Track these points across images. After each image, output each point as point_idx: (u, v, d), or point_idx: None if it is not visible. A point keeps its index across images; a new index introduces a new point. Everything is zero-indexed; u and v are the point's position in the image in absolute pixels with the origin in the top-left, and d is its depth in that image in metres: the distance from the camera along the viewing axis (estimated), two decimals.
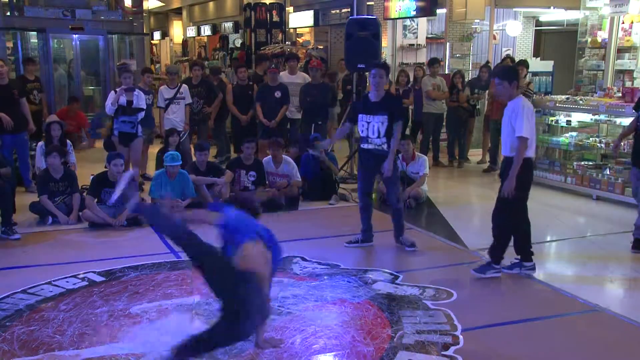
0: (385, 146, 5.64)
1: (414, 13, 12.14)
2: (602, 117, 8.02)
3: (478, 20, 12.23)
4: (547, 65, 11.75)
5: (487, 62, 11.37)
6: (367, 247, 6.00)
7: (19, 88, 8.21)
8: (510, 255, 5.24)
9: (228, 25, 21.05)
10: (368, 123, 5.66)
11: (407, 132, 9.88)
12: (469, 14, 11.52)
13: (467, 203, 7.32)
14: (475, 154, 10.71)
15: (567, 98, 8.79)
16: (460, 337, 4.05)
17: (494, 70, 5.21)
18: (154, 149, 8.49)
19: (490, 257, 5.17)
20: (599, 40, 10.05)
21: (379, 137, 5.63)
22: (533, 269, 5.17)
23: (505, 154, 5.07)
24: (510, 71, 5.27)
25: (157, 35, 28.05)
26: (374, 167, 5.81)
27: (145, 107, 7.69)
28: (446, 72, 11.63)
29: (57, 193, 6.76)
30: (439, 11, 12.39)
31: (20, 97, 8.10)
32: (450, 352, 3.84)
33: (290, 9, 17.45)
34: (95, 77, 13.53)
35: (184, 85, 8.84)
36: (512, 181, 4.84)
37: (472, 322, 4.29)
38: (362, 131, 5.74)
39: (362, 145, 5.82)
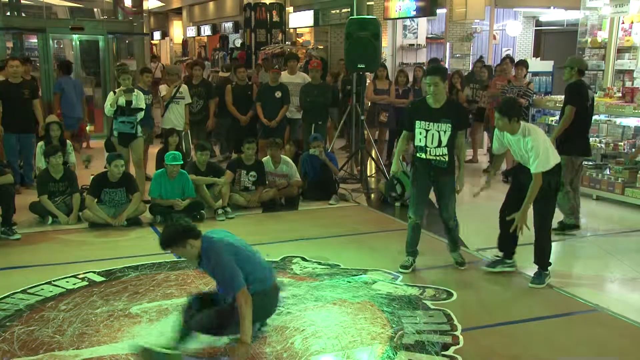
0: (446, 157, 5.15)
1: (414, 13, 12.16)
2: (602, 117, 8.02)
3: (478, 20, 12.26)
4: (547, 65, 11.75)
5: (481, 57, 11.36)
6: (362, 246, 6.00)
7: (30, 89, 8.24)
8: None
9: (228, 25, 21.09)
10: (427, 131, 5.16)
11: None
12: (469, 14, 11.53)
13: (467, 203, 7.30)
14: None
15: None
16: (460, 337, 4.05)
17: (497, 106, 5.05)
18: (153, 149, 8.48)
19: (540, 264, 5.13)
20: (599, 40, 10.04)
21: (439, 146, 5.15)
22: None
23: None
24: (508, 107, 4.97)
25: (157, 35, 28.07)
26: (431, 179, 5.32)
27: (144, 107, 7.68)
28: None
29: (57, 193, 6.76)
30: (439, 11, 12.40)
31: (32, 98, 8.11)
32: (450, 352, 3.85)
33: (290, 9, 17.45)
34: (95, 77, 13.54)
35: (183, 85, 8.84)
36: None
37: (472, 322, 4.29)
38: (420, 140, 5.22)
39: (418, 155, 5.29)
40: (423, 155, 5.22)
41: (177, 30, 27.82)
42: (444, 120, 5.10)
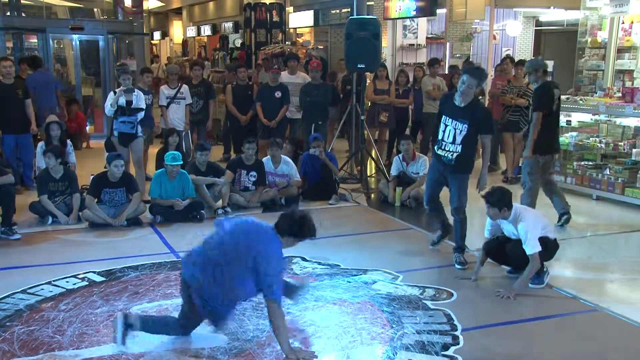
0: (455, 155, 5.26)
1: (414, 13, 12.15)
2: (602, 117, 8.02)
3: (478, 20, 12.25)
4: (547, 66, 11.74)
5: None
6: (362, 246, 6.01)
7: (23, 88, 8.20)
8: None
9: (228, 25, 21.06)
10: (446, 126, 5.29)
11: (407, 132, 9.89)
12: (469, 14, 11.52)
13: (467, 203, 7.31)
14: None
15: (567, 98, 8.79)
16: (460, 337, 4.05)
17: (486, 197, 4.95)
18: (154, 149, 8.49)
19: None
20: (599, 40, 10.04)
21: (453, 143, 5.26)
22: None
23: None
24: (497, 198, 4.88)
25: (157, 35, 28.06)
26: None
27: (144, 107, 7.68)
28: (446, 72, 11.62)
29: (57, 193, 6.76)
30: (439, 11, 12.39)
31: (25, 98, 8.07)
32: (450, 352, 3.85)
33: (290, 9, 17.44)
34: (95, 77, 13.54)
35: (184, 85, 8.85)
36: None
37: (472, 322, 4.29)
38: (440, 133, 5.37)
39: (435, 148, 5.50)
40: (437, 149, 5.41)
41: (177, 30, 27.79)
42: (461, 120, 5.19)
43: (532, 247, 4.77)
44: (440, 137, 5.35)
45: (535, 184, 6.39)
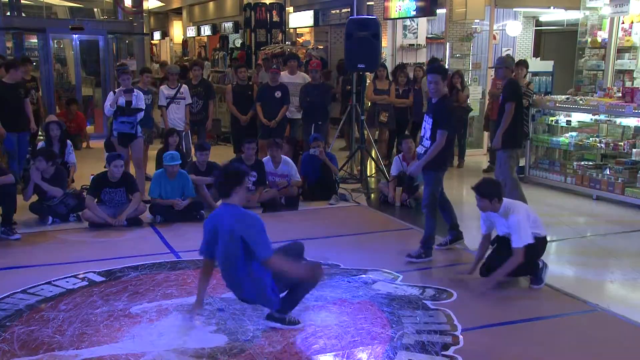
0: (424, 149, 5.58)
1: (414, 13, 12.14)
2: (602, 117, 8.03)
3: (478, 20, 12.22)
4: (547, 65, 11.75)
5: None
6: (362, 246, 6.02)
7: (24, 88, 8.25)
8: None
9: (228, 25, 21.05)
10: (425, 122, 5.64)
11: (407, 132, 9.89)
12: (469, 14, 11.50)
13: (467, 203, 7.32)
14: (474, 154, 10.73)
15: (567, 98, 8.79)
16: (460, 337, 4.05)
17: (476, 188, 4.98)
18: (154, 149, 8.49)
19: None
20: (599, 40, 10.05)
21: (427, 139, 5.52)
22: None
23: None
24: (486, 188, 4.92)
25: (157, 35, 28.06)
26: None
27: (144, 108, 7.68)
28: None
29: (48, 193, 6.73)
30: (439, 11, 12.38)
31: (25, 97, 8.13)
32: (450, 352, 3.84)
33: (290, 9, 17.45)
34: (95, 77, 13.54)
35: (184, 85, 8.84)
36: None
37: (472, 322, 4.29)
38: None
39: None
40: (419, 148, 5.73)
41: (177, 30, 27.79)
42: (430, 114, 5.52)
43: (521, 239, 4.71)
44: (421, 135, 5.71)
45: (512, 174, 6.62)
